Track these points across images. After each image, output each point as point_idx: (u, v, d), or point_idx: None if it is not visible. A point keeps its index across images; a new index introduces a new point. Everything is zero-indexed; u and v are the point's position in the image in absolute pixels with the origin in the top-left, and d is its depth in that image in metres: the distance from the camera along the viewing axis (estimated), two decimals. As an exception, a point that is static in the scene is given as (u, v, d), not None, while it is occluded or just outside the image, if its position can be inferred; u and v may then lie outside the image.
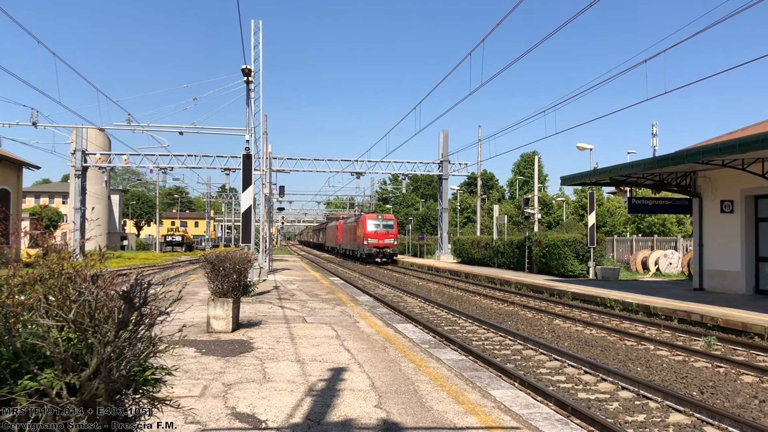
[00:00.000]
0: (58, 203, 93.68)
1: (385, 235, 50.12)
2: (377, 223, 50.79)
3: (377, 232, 50.20)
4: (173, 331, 3.88)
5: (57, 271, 3.34)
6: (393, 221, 52.47)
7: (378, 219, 51.77)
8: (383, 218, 52.23)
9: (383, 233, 50.16)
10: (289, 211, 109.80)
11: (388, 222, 51.63)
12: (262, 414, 6.18)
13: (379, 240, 49.76)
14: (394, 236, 51.09)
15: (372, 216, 52.96)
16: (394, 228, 51.62)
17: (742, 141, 15.62)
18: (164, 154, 43.55)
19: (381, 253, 49.65)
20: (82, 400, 2.99)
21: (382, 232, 50.17)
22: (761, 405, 8.55)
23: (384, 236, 50.04)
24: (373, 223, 50.83)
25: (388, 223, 51.60)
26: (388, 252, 50.09)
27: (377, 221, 51.14)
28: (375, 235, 50.01)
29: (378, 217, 52.66)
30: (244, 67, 22.71)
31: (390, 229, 50.92)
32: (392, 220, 52.83)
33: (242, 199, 22.07)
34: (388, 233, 50.36)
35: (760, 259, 20.51)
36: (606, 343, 13.50)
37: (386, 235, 50.16)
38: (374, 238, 49.75)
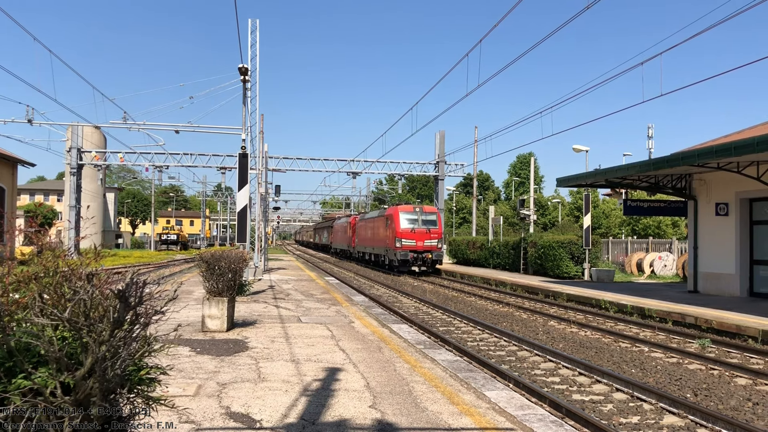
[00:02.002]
0: (53, 201, 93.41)
1: (426, 235, 36.87)
2: (414, 218, 37.51)
3: (414, 230, 36.93)
4: (168, 330, 3.88)
5: (52, 270, 3.33)
6: (436, 215, 38.58)
7: (415, 212, 37.96)
8: (423, 211, 38.26)
9: (423, 232, 36.93)
10: (285, 210, 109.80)
11: (429, 216, 37.98)
12: (257, 414, 6.18)
13: (418, 241, 36.53)
14: (438, 236, 37.46)
15: (407, 208, 38.55)
16: (438, 225, 37.98)
17: (737, 144, 15.67)
18: (160, 153, 43.46)
19: (420, 259, 36.41)
20: (77, 399, 2.98)
21: (421, 231, 36.93)
22: (755, 407, 8.57)
23: (424, 236, 36.86)
24: (409, 217, 37.52)
25: (430, 217, 37.93)
26: (429, 258, 36.56)
27: (414, 215, 37.71)
28: (411, 234, 36.77)
29: (415, 209, 38.35)
30: (241, 66, 22.69)
31: (432, 227, 37.47)
32: (435, 213, 38.74)
33: (238, 198, 22.04)
34: (429, 232, 37.02)
35: (754, 262, 20.57)
36: (601, 344, 13.52)
37: (427, 235, 36.90)
38: (410, 239, 36.59)
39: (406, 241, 36.51)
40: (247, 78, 23.38)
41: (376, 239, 42.75)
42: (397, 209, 38.12)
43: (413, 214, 37.71)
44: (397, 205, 40.56)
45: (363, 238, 48.64)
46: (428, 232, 36.98)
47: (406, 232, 36.72)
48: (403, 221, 37.20)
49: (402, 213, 37.70)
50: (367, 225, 46.89)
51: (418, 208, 38.45)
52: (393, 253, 37.23)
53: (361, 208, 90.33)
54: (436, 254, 36.83)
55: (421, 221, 37.39)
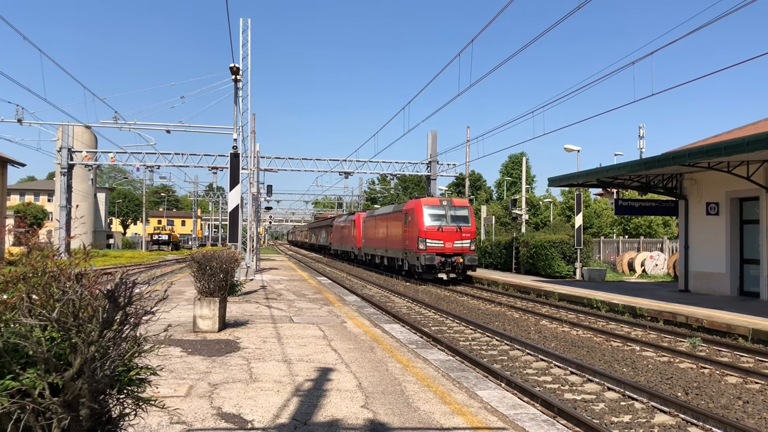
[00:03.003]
0: (43, 201, 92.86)
1: (456, 234, 30.15)
2: (440, 213, 30.64)
3: (442, 228, 30.11)
4: (159, 330, 3.85)
5: (41, 270, 3.30)
6: (468, 209, 31.65)
7: (442, 206, 31.09)
8: (451, 204, 31.42)
9: (452, 231, 30.19)
10: (277, 210, 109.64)
11: (459, 211, 31.10)
12: (249, 414, 6.15)
13: (446, 242, 29.91)
14: (470, 235, 30.65)
15: (431, 201, 31.80)
16: (470, 222, 31.10)
17: (727, 144, 15.75)
18: (151, 153, 43.24)
19: (449, 264, 29.68)
20: (65, 400, 2.95)
21: (450, 229, 30.20)
22: (745, 406, 8.62)
23: (454, 235, 30.10)
24: (434, 212, 30.64)
25: (461, 212, 31.09)
26: (460, 263, 29.77)
27: (440, 209, 30.82)
28: (438, 233, 29.96)
29: (442, 202, 31.51)
30: (233, 66, 22.63)
31: (464, 224, 30.69)
32: (466, 207, 31.77)
33: (229, 198, 21.97)
34: (460, 231, 30.30)
35: (744, 261, 20.68)
36: (592, 343, 13.55)
37: (458, 234, 30.15)
38: (437, 239, 29.86)
39: (432, 242, 29.69)
40: (239, 77, 23.32)
41: (391, 240, 36.07)
42: (420, 202, 31.01)
43: (440, 209, 30.72)
44: (419, 197, 33.83)
45: (372, 239, 42.02)
46: (459, 231, 30.10)
47: (431, 231, 29.89)
48: (427, 217, 30.22)
49: (426, 207, 30.60)
50: (378, 223, 40.10)
51: (445, 201, 31.39)
52: (414, 256, 30.40)
53: (353, 207, 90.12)
54: (468, 258, 29.76)
55: (449, 217, 30.35)
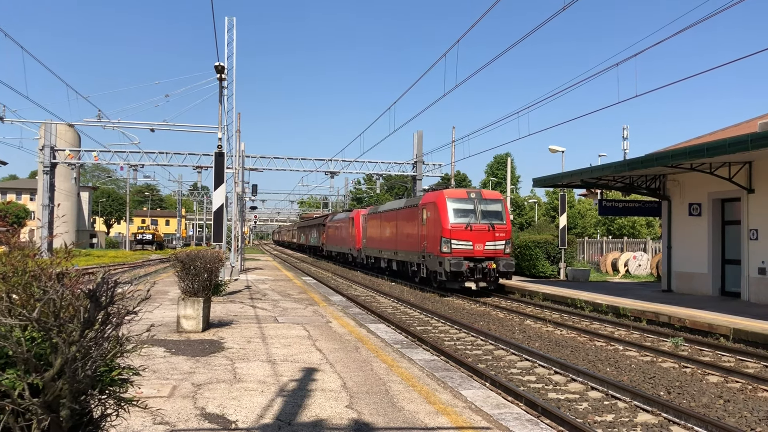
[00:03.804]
0: (25, 200, 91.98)
1: (489, 234, 24.47)
2: (468, 208, 24.88)
3: (471, 226, 24.36)
4: (142, 330, 3.82)
5: (21, 269, 3.26)
6: (501, 203, 25.91)
7: (470, 199, 25.16)
8: (481, 197, 25.43)
9: (483, 229, 24.45)
10: (262, 210, 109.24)
11: (491, 206, 25.33)
12: (232, 414, 6.12)
13: (476, 244, 24.25)
14: (505, 235, 24.95)
15: (457, 193, 25.83)
16: (504, 218, 25.28)
17: (709, 145, 15.91)
18: (135, 152, 42.92)
19: (480, 270, 24.07)
20: (45, 401, 2.92)
21: (480, 228, 24.44)
22: (726, 404, 8.70)
23: (485, 235, 24.42)
24: (461, 206, 24.87)
25: (493, 207, 25.34)
26: (492, 269, 24.18)
27: (468, 203, 25.00)
28: (466, 233, 24.26)
29: (470, 195, 25.50)
30: (217, 64, 22.53)
31: (497, 221, 24.92)
32: (500, 201, 26.00)
33: (214, 198, 21.89)
34: (493, 229, 24.59)
35: (726, 262, 20.90)
36: (576, 343, 13.63)
37: (490, 234, 24.49)
38: (464, 240, 24.23)
39: (459, 243, 24.03)
40: (224, 76, 23.22)
41: (402, 240, 30.39)
42: (442, 195, 25.15)
43: (467, 202, 24.87)
44: (440, 188, 28.67)
45: (376, 239, 36.22)
46: (491, 230, 24.38)
47: (458, 230, 24.12)
48: (451, 213, 24.41)
49: (450, 201, 24.78)
50: (385, 221, 34.29)
51: (473, 193, 25.53)
52: (435, 260, 24.74)
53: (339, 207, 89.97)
54: (504, 263, 24.00)
55: (480, 213, 24.60)
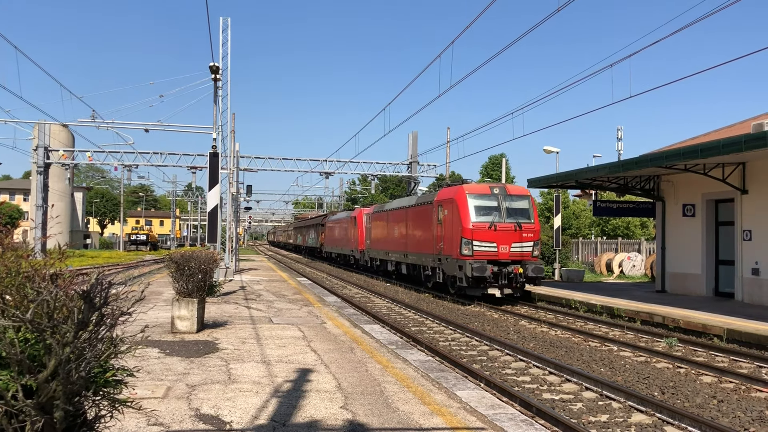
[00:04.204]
0: (18, 200, 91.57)
1: (515, 235, 21.87)
2: (491, 205, 22.21)
3: (495, 226, 21.71)
4: (136, 331, 3.82)
5: (14, 270, 3.25)
6: (528, 200, 22.99)
7: (493, 195, 22.43)
8: (506, 193, 22.71)
9: (509, 229, 21.85)
10: (257, 210, 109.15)
11: (517, 202, 22.61)
12: (227, 415, 6.11)
13: (500, 245, 21.66)
14: (534, 236, 22.37)
15: (478, 189, 23.12)
16: (532, 217, 22.63)
17: (703, 146, 15.97)
18: (129, 152, 42.79)
19: (505, 275, 21.40)
20: (39, 402, 2.91)
21: (506, 227, 21.82)
22: (719, 405, 8.73)
23: (512, 236, 21.84)
24: (483, 203, 22.22)
25: (519, 204, 22.63)
26: (519, 274, 21.51)
27: (491, 199, 22.27)
28: (490, 233, 21.63)
29: (493, 191, 22.69)
30: (212, 65, 22.48)
31: (524, 220, 22.24)
32: (526, 197, 23.09)
33: (208, 198, 21.84)
34: (520, 229, 21.98)
35: (719, 262, 20.98)
36: (571, 344, 13.66)
37: (516, 234, 21.88)
38: (487, 241, 21.63)
39: (482, 244, 21.41)
40: (218, 77, 23.18)
41: (413, 241, 27.53)
42: (462, 190, 22.44)
43: (490, 199, 22.18)
44: (451, 184, 25.78)
45: (382, 240, 33.62)
46: (518, 230, 21.75)
47: (480, 230, 21.47)
48: (473, 210, 21.77)
49: (471, 197, 22.09)
50: (392, 220, 31.43)
51: (497, 189, 22.65)
52: (454, 264, 22.02)
53: (333, 208, 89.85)
54: (532, 267, 21.29)
55: (504, 211, 21.89)
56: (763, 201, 18.36)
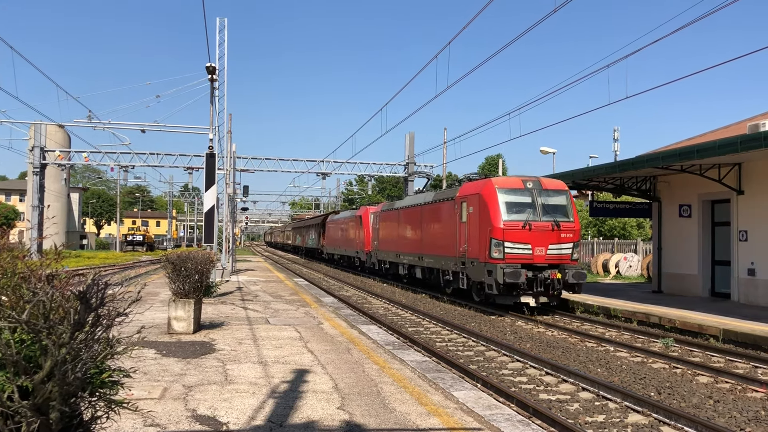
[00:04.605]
0: (14, 201, 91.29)
1: (553, 235, 19.13)
2: (525, 201, 19.49)
3: (530, 224, 18.90)
4: (132, 332, 3.81)
5: (10, 271, 3.24)
6: (566, 195, 20.20)
7: (527, 190, 19.59)
8: (541, 187, 19.82)
9: (546, 228, 19.10)
10: (254, 211, 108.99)
11: (554, 198, 19.93)
12: (224, 416, 6.10)
13: (536, 246, 18.91)
14: (573, 236, 19.55)
15: (510, 182, 20.10)
16: (571, 214, 19.88)
17: (699, 147, 16.00)
18: (126, 152, 42.72)
19: (541, 281, 18.64)
20: (35, 403, 2.90)
21: (542, 226, 19.06)
22: (716, 405, 8.75)
23: (549, 236, 19.09)
24: (515, 199, 19.47)
25: (556, 200, 19.95)
26: (556, 279, 18.70)
27: (525, 195, 19.52)
28: (524, 233, 18.86)
29: (526, 185, 19.73)
30: (209, 65, 22.46)
31: (563, 218, 19.52)
32: (564, 192, 20.23)
33: (205, 199, 21.83)
34: (558, 229, 19.20)
35: (716, 263, 21.02)
36: (567, 344, 13.67)
37: (554, 235, 19.14)
38: (521, 242, 18.83)
39: (515, 246, 18.63)
40: (215, 77, 23.16)
41: (430, 242, 24.77)
42: (491, 185, 19.56)
43: (523, 194, 19.42)
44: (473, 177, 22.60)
45: (393, 241, 30.66)
46: (556, 229, 19.01)
47: (513, 230, 18.71)
48: (504, 207, 18.95)
49: (502, 192, 19.28)
50: (405, 219, 28.52)
51: (530, 182, 19.75)
52: (482, 268, 19.19)
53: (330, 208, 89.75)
54: (573, 272, 18.50)
55: (540, 208, 19.17)
56: (759, 202, 18.42)
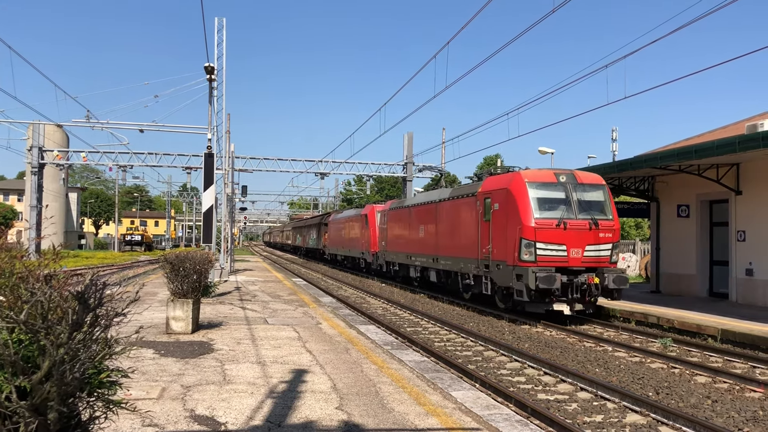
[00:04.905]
0: (13, 201, 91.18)
1: (590, 235, 16.85)
2: (558, 197, 17.22)
3: (564, 223, 16.64)
4: (131, 332, 3.81)
5: (8, 271, 3.23)
6: (604, 189, 17.85)
7: (560, 184, 17.34)
8: (576, 181, 17.51)
9: (583, 227, 16.82)
10: (252, 211, 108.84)
11: (590, 193, 17.60)
12: (222, 416, 6.10)
13: (571, 247, 16.64)
14: (613, 236, 17.29)
15: (541, 176, 17.62)
16: (610, 212, 17.58)
17: (698, 147, 16.02)
18: (124, 152, 42.65)
19: (577, 286, 16.40)
20: (33, 404, 2.90)
21: (579, 225, 16.78)
22: (714, 405, 8.76)
23: (585, 236, 16.80)
24: (548, 195, 17.25)
25: (593, 195, 17.61)
26: (594, 284, 16.45)
27: (558, 190, 17.26)
28: (558, 232, 16.62)
29: (559, 178, 17.43)
30: (207, 65, 22.44)
31: (600, 215, 17.24)
32: (602, 186, 17.89)
33: (203, 199, 21.81)
34: (596, 227, 16.94)
35: (714, 263, 21.04)
36: (565, 344, 13.68)
37: (592, 234, 16.86)
38: (557, 243, 16.60)
39: (547, 247, 16.60)
40: (214, 77, 23.14)
41: (446, 243, 22.69)
42: (520, 178, 17.50)
43: (556, 189, 17.33)
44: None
45: (403, 241, 28.63)
46: (594, 228, 16.92)
47: (545, 228, 16.63)
48: (535, 203, 16.90)
49: (533, 187, 17.21)
50: (417, 218, 26.47)
51: (564, 176, 17.60)
52: (509, 272, 17.13)
53: (329, 208, 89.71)
54: (614, 277, 16.58)
55: (576, 204, 17.08)
56: (757, 202, 18.44)
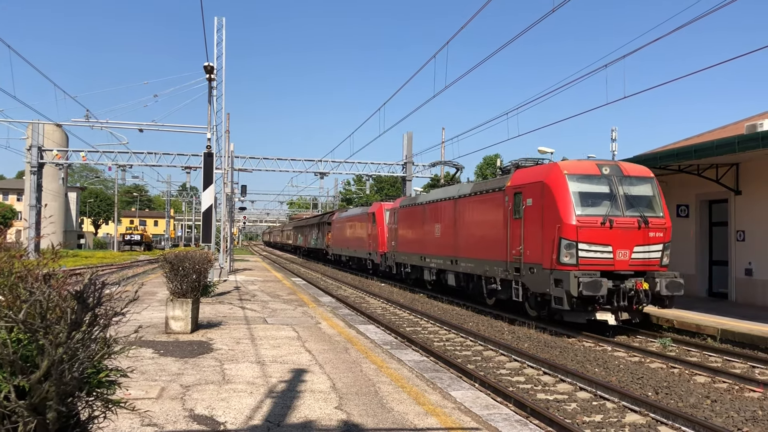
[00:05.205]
0: (12, 200, 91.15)
1: (639, 234, 14.64)
2: (602, 191, 15.01)
3: (610, 220, 14.39)
4: (130, 331, 3.80)
5: (7, 270, 3.23)
6: (652, 182, 15.59)
7: (604, 177, 15.06)
8: (622, 173, 15.27)
9: (631, 226, 14.58)
10: (251, 210, 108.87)
11: (637, 187, 15.34)
12: (221, 416, 6.10)
13: (617, 249, 14.46)
14: (663, 236, 15.07)
15: (582, 167, 15.28)
16: (660, 208, 15.29)
17: (697, 147, 16.02)
18: (123, 152, 42.69)
19: (624, 292, 14.36)
20: (32, 403, 2.89)
21: (626, 222, 14.55)
22: (713, 405, 8.75)
23: (633, 235, 14.60)
24: (590, 188, 15.00)
25: (640, 189, 15.35)
26: (643, 290, 14.43)
27: (601, 183, 15.03)
28: (603, 232, 14.42)
29: (602, 170, 15.13)
30: (207, 65, 22.42)
31: (649, 212, 14.95)
32: (650, 179, 15.63)
33: (203, 198, 21.81)
34: (645, 225, 14.69)
35: (713, 263, 21.04)
36: (565, 344, 13.67)
37: (640, 234, 14.66)
38: (601, 244, 14.41)
39: (590, 248, 14.56)
40: (213, 76, 23.13)
41: (467, 244, 20.63)
42: (558, 170, 15.39)
43: (600, 182, 15.26)
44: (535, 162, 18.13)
45: (415, 241, 26.61)
46: (643, 227, 14.88)
47: (588, 227, 14.56)
48: (577, 199, 14.80)
49: (573, 179, 15.10)
50: (432, 216, 24.26)
51: (608, 168, 15.49)
52: (546, 276, 15.11)
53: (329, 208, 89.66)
54: (667, 282, 14.61)
55: (622, 199, 15.00)
56: (757, 202, 18.44)
